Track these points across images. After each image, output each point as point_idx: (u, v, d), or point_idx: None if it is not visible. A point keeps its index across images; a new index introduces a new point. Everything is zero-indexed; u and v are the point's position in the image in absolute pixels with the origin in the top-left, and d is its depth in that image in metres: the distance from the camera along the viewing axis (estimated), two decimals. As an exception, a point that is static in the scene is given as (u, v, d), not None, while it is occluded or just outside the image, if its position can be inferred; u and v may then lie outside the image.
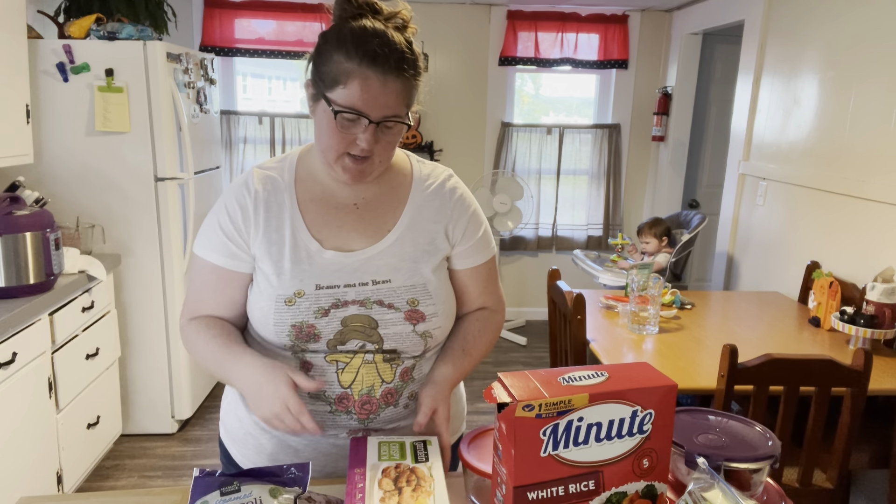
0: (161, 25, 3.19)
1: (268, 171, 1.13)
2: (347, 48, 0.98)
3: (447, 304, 1.13)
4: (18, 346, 2.07)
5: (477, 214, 1.19)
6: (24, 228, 2.19)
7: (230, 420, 1.20)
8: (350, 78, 0.98)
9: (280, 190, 1.11)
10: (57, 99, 2.69)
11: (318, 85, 1.02)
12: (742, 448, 0.90)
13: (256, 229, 1.09)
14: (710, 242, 4.54)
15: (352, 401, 1.08)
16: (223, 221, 1.10)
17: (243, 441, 1.16)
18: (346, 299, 1.06)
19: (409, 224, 1.12)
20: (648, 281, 2.28)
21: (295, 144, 4.41)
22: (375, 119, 1.00)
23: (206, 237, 1.12)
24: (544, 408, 0.77)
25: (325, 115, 1.01)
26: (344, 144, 1.02)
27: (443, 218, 1.14)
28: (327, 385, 1.07)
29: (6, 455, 2.03)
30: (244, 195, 1.10)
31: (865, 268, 2.54)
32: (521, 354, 4.21)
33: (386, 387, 1.09)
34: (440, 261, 1.13)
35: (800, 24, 3.02)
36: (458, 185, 1.18)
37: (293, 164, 1.14)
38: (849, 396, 1.82)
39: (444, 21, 4.37)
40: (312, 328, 1.05)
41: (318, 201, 1.11)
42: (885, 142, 2.45)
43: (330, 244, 1.08)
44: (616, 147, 4.61)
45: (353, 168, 1.05)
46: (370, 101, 0.98)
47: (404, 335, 1.08)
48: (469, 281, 1.18)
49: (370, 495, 0.89)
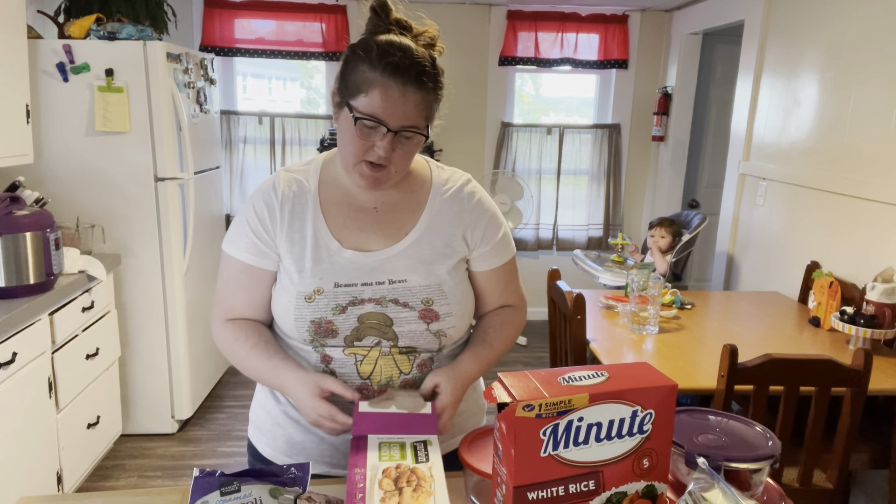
0: (161, 25, 3.19)
1: (294, 175, 1.18)
2: (371, 59, 1.03)
3: (462, 304, 1.16)
4: (18, 346, 2.07)
5: (496, 217, 1.22)
6: (24, 228, 2.19)
7: (259, 414, 1.25)
8: (372, 87, 1.03)
9: (305, 192, 1.16)
10: (57, 99, 2.69)
11: (343, 93, 1.07)
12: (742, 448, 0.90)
13: (281, 229, 1.13)
14: (710, 242, 4.54)
15: (371, 391, 1.12)
16: (251, 221, 1.14)
17: (272, 432, 1.21)
18: (362, 297, 1.10)
19: (427, 227, 1.16)
20: (648, 281, 2.28)
21: (295, 145, 4.41)
22: (394, 128, 1.04)
23: (236, 236, 1.16)
24: (544, 408, 0.77)
25: (346, 122, 1.06)
26: (362, 151, 1.06)
27: (461, 222, 1.18)
28: (348, 378, 1.12)
29: (6, 455, 2.03)
30: (271, 196, 1.15)
31: (865, 268, 2.54)
32: (521, 354, 4.21)
33: (404, 377, 1.14)
34: (456, 262, 1.16)
35: (800, 24, 3.02)
36: (476, 190, 1.22)
37: (318, 169, 1.19)
38: (849, 396, 1.82)
39: (444, 21, 4.37)
40: (330, 324, 1.09)
41: (340, 204, 1.16)
42: (885, 142, 2.45)
43: (349, 244, 1.13)
44: (616, 147, 4.61)
45: (370, 175, 1.09)
46: (389, 109, 1.03)
47: (418, 333, 1.12)
48: (489, 282, 1.22)
49: (370, 495, 0.89)
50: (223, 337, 1.18)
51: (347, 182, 1.16)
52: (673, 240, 3.51)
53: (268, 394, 1.23)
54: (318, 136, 4.38)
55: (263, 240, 1.14)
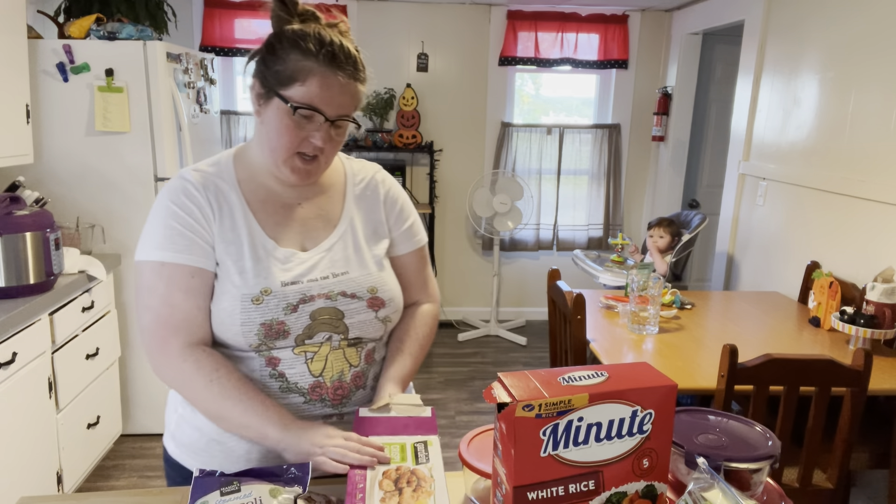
0: (161, 25, 3.19)
1: (206, 173, 1.11)
2: (306, 47, 1.01)
3: (398, 289, 1.19)
4: (18, 346, 2.07)
5: (407, 203, 1.26)
6: (24, 228, 2.19)
7: (185, 433, 1.13)
8: (309, 75, 1.01)
9: (225, 191, 1.10)
10: (57, 99, 2.69)
11: (270, 83, 1.03)
12: (742, 448, 0.90)
13: (213, 225, 1.07)
14: (710, 242, 4.54)
15: (325, 388, 1.10)
16: (182, 220, 1.05)
17: (207, 450, 1.11)
18: (311, 294, 1.08)
19: (353, 217, 1.18)
20: (648, 281, 2.28)
21: (295, 144, 4.40)
22: (331, 117, 1.03)
23: (166, 241, 1.04)
24: (544, 408, 0.77)
25: (277, 114, 1.03)
26: (296, 142, 1.04)
27: (379, 209, 1.21)
28: (299, 378, 1.08)
29: (6, 455, 2.03)
30: (193, 193, 1.07)
31: (865, 268, 2.54)
32: (521, 354, 4.21)
33: (354, 370, 1.12)
34: (387, 248, 1.20)
35: (800, 24, 3.02)
36: (386, 178, 1.26)
37: (230, 167, 1.13)
38: (849, 396, 1.82)
39: (444, 21, 4.37)
40: (282, 325, 1.05)
41: (265, 202, 1.12)
42: (885, 142, 2.45)
43: (286, 242, 1.10)
44: (616, 147, 4.61)
45: (302, 168, 1.07)
46: (328, 99, 1.02)
47: (367, 322, 1.12)
48: (404, 268, 1.24)
49: (370, 496, 0.89)
50: (185, 373, 1.03)
51: (267, 179, 1.12)
52: (672, 240, 3.51)
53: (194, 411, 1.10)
54: (318, 136, 4.37)
55: (203, 237, 1.05)
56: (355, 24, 4.25)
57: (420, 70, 4.40)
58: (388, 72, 4.38)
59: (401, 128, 4.28)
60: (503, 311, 4.84)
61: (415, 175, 4.54)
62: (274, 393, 1.08)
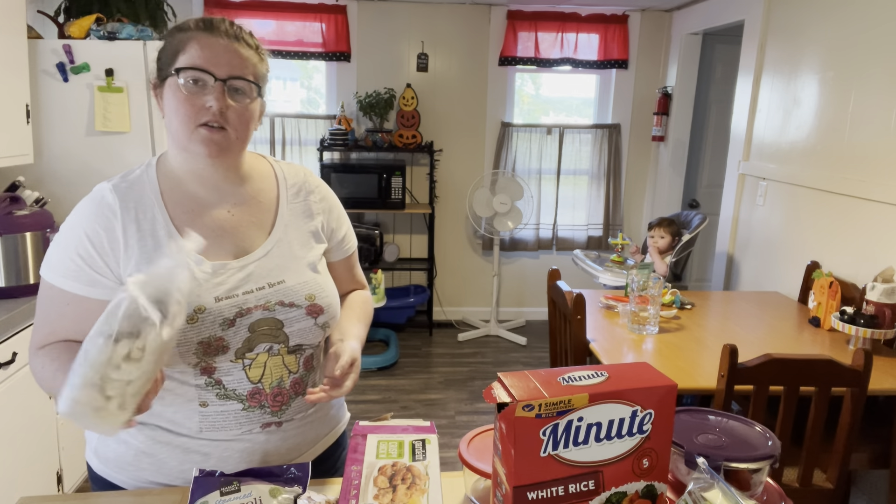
0: (161, 25, 3.19)
1: (126, 188, 1.06)
2: (184, 25, 1.04)
3: (335, 293, 1.17)
4: (18, 346, 2.07)
5: (341, 210, 1.26)
6: (24, 228, 2.19)
7: (110, 447, 1.10)
8: (188, 43, 1.01)
9: (147, 206, 1.05)
10: (57, 99, 2.69)
11: (162, 71, 1.04)
12: (742, 448, 0.90)
13: (128, 252, 1.01)
14: (710, 242, 4.54)
15: (264, 395, 1.07)
16: (81, 246, 1.01)
17: (135, 463, 1.08)
18: (248, 306, 1.04)
19: (287, 224, 1.14)
20: (648, 281, 2.28)
21: (295, 145, 4.41)
22: (221, 76, 1.00)
23: (59, 262, 1.02)
24: (544, 408, 0.77)
25: (171, 91, 1.01)
26: (194, 112, 1.00)
27: (314, 213, 1.18)
28: (237, 385, 1.05)
29: (6, 455, 2.03)
30: (107, 216, 1.02)
31: (865, 268, 2.54)
32: (521, 354, 4.21)
33: (293, 377, 1.10)
34: (322, 254, 1.17)
35: (800, 24, 3.02)
36: (320, 182, 1.23)
37: (153, 177, 1.08)
38: (849, 396, 1.82)
39: (444, 21, 4.37)
40: (221, 340, 1.02)
41: (191, 213, 1.07)
42: (885, 142, 2.45)
43: (216, 255, 1.05)
44: (616, 147, 4.61)
45: (209, 138, 1.01)
46: (212, 58, 1.00)
47: (307, 329, 1.10)
48: (341, 270, 1.26)
49: (364, 492, 0.89)
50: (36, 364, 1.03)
51: (191, 185, 1.07)
52: (672, 240, 3.51)
53: None
54: (318, 136, 4.38)
55: (96, 267, 1.01)
56: (355, 24, 4.26)
57: (420, 70, 4.40)
58: (388, 72, 4.38)
59: (401, 128, 4.28)
60: (503, 311, 4.84)
61: (415, 175, 4.55)
62: (211, 400, 1.04)
